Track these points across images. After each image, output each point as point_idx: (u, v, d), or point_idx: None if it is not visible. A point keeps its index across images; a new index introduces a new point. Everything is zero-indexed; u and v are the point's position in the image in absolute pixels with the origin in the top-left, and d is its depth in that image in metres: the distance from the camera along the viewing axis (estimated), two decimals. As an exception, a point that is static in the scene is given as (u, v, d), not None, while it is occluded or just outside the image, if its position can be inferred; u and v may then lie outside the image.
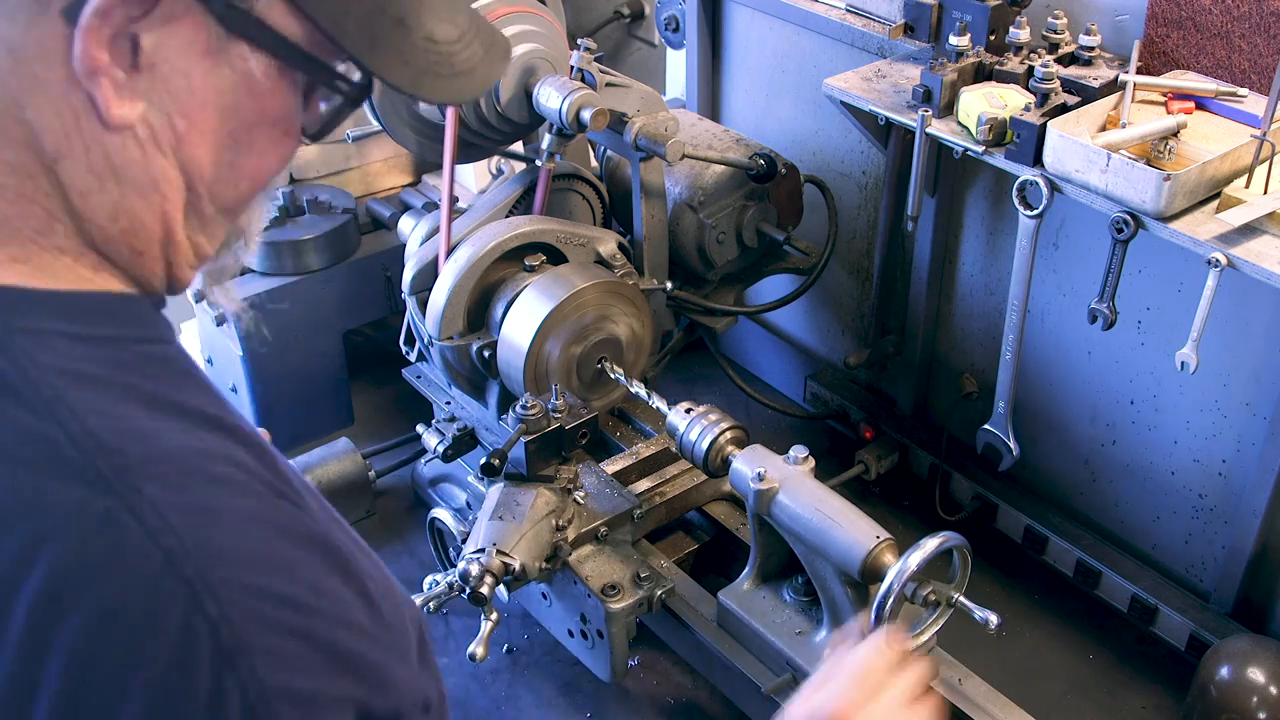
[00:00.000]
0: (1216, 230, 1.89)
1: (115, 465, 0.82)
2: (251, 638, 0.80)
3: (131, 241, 0.94)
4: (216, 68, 0.89)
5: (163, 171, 0.91)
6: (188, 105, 0.90)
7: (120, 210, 0.91)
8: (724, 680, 2.21)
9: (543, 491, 2.11)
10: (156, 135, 0.90)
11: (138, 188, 0.91)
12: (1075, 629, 2.52)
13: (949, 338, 2.77)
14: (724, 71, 3.02)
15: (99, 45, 0.83)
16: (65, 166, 0.88)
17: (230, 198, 0.98)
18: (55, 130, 0.87)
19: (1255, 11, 2.03)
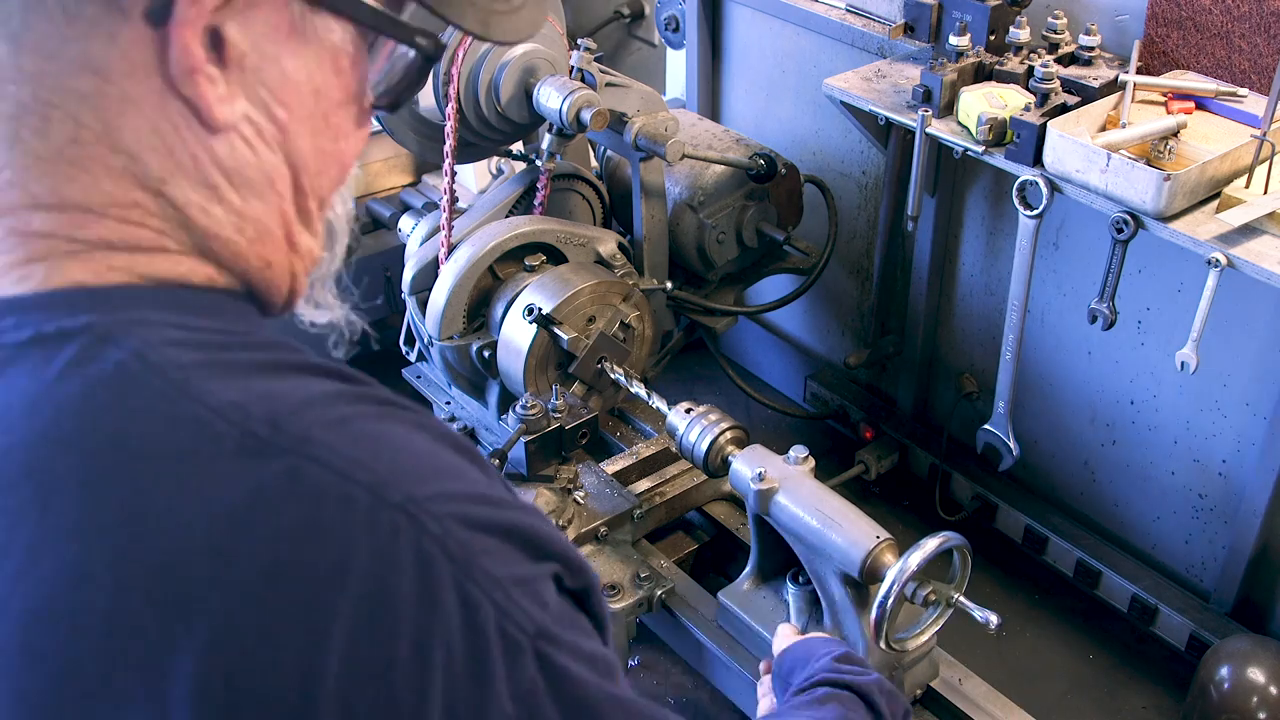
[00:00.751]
0: (1216, 230, 1.89)
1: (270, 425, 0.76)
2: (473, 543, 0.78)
3: (261, 251, 0.89)
4: (305, 46, 0.84)
5: (275, 168, 0.86)
6: (284, 92, 0.84)
7: (245, 218, 0.86)
8: (724, 680, 2.20)
9: (543, 491, 2.11)
10: (261, 130, 0.84)
11: (255, 190, 0.85)
12: (1075, 629, 2.51)
13: (949, 338, 2.77)
14: (724, 71, 3.02)
15: (195, 41, 0.77)
16: (176, 185, 0.81)
17: (327, 189, 0.93)
18: (157, 149, 0.79)
19: (1255, 11, 2.03)
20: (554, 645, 0.81)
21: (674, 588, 2.18)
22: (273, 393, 0.79)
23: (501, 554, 0.80)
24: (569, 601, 0.86)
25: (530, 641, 0.79)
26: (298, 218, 0.90)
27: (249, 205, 0.85)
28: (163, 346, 0.78)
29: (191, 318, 0.82)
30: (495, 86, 2.33)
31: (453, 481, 0.81)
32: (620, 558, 2.20)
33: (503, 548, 0.81)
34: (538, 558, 0.83)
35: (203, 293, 0.85)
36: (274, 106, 0.84)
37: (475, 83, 2.32)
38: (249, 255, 0.88)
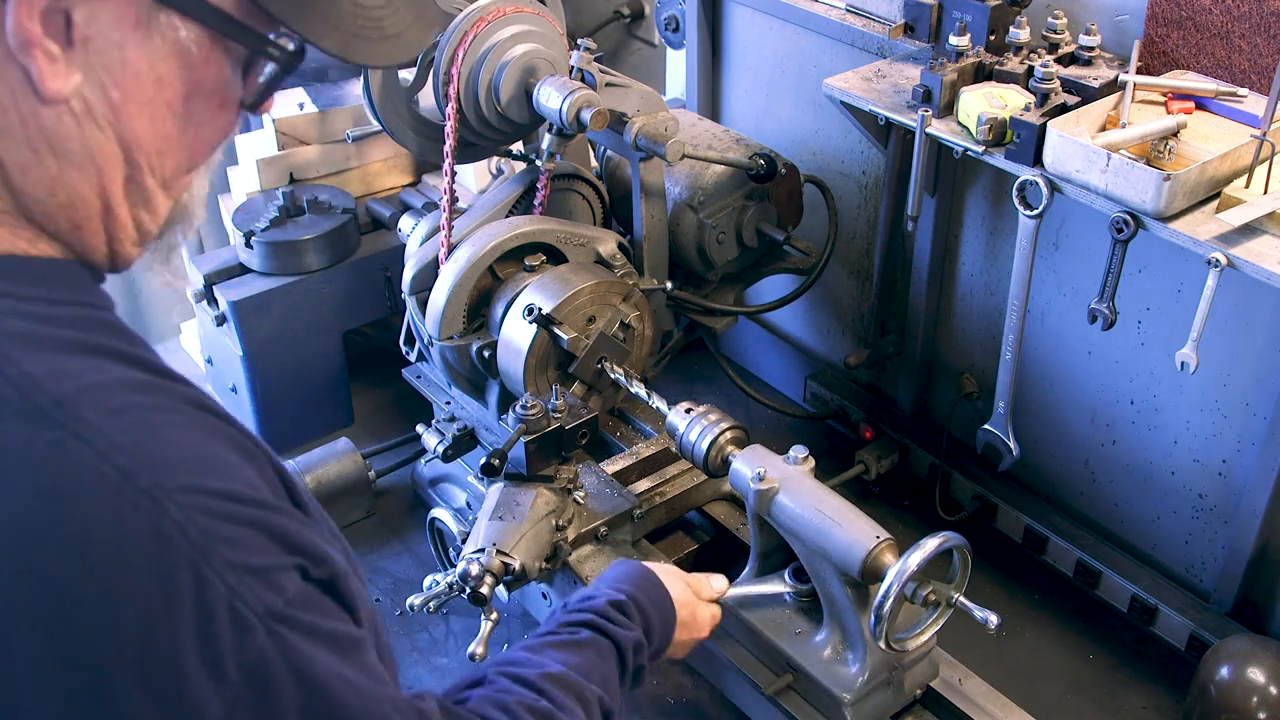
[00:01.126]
0: (1216, 230, 1.89)
1: (53, 399, 0.87)
2: (215, 530, 0.89)
3: (70, 215, 0.97)
4: (149, 39, 0.92)
5: (99, 145, 0.95)
6: (122, 77, 0.92)
7: (58, 184, 0.95)
8: (724, 680, 2.20)
9: (543, 491, 2.11)
10: (92, 109, 0.93)
11: (74, 161, 0.94)
12: (1075, 629, 2.51)
13: (949, 338, 2.77)
14: (724, 71, 3.02)
15: (30, 17, 0.86)
16: (2, 144, 0.92)
17: (170, 170, 1.01)
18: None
19: (1255, 11, 2.03)
20: (287, 626, 0.92)
21: (674, 588, 2.18)
22: (67, 371, 0.89)
23: (242, 544, 0.91)
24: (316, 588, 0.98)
25: (260, 620, 0.90)
26: (126, 192, 0.99)
27: (65, 173, 0.94)
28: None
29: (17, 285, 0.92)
30: (495, 86, 2.33)
31: (209, 477, 0.92)
32: (620, 558, 2.19)
33: (245, 539, 0.91)
34: (281, 551, 0.94)
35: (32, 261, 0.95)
36: (110, 89, 0.92)
37: (475, 83, 2.32)
38: (58, 217, 0.97)
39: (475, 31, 2.28)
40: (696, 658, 2.26)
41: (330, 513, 2.97)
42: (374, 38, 1.01)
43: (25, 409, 0.86)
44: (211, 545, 0.89)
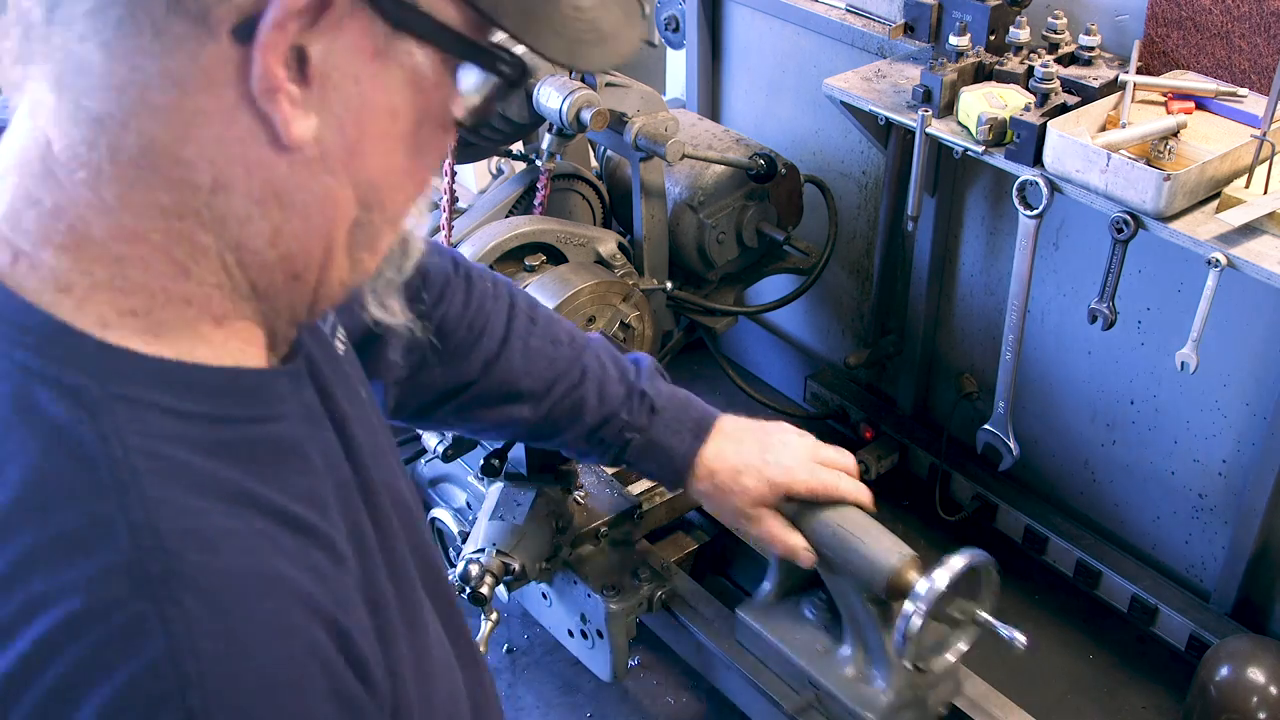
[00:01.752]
0: (1216, 230, 1.89)
1: (166, 569, 0.75)
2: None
3: (289, 266, 0.88)
4: (386, 69, 0.84)
5: (330, 191, 0.87)
6: (360, 113, 0.85)
7: (280, 235, 0.86)
8: (724, 681, 2.20)
9: (543, 491, 2.11)
10: (327, 153, 0.85)
11: (301, 210, 0.86)
12: (1075, 629, 2.51)
13: (949, 338, 2.77)
14: (724, 71, 3.02)
15: (278, 61, 0.78)
16: (223, 198, 0.83)
17: (399, 205, 0.94)
18: (217, 161, 0.81)
19: (1255, 11, 2.03)
20: None
21: (674, 588, 2.18)
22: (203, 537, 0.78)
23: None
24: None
25: None
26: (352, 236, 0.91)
27: (289, 224, 0.86)
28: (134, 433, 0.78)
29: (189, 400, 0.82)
30: (495, 86, 2.32)
31: None
32: (620, 557, 2.20)
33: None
34: None
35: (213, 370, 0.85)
36: (348, 126, 0.84)
37: (475, 83, 2.32)
38: (274, 270, 0.88)
39: (475, 31, 2.28)
40: (696, 658, 2.26)
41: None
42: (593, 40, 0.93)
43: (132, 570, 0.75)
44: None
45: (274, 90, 0.79)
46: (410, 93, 0.87)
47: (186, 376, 0.83)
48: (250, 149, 0.81)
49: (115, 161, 0.79)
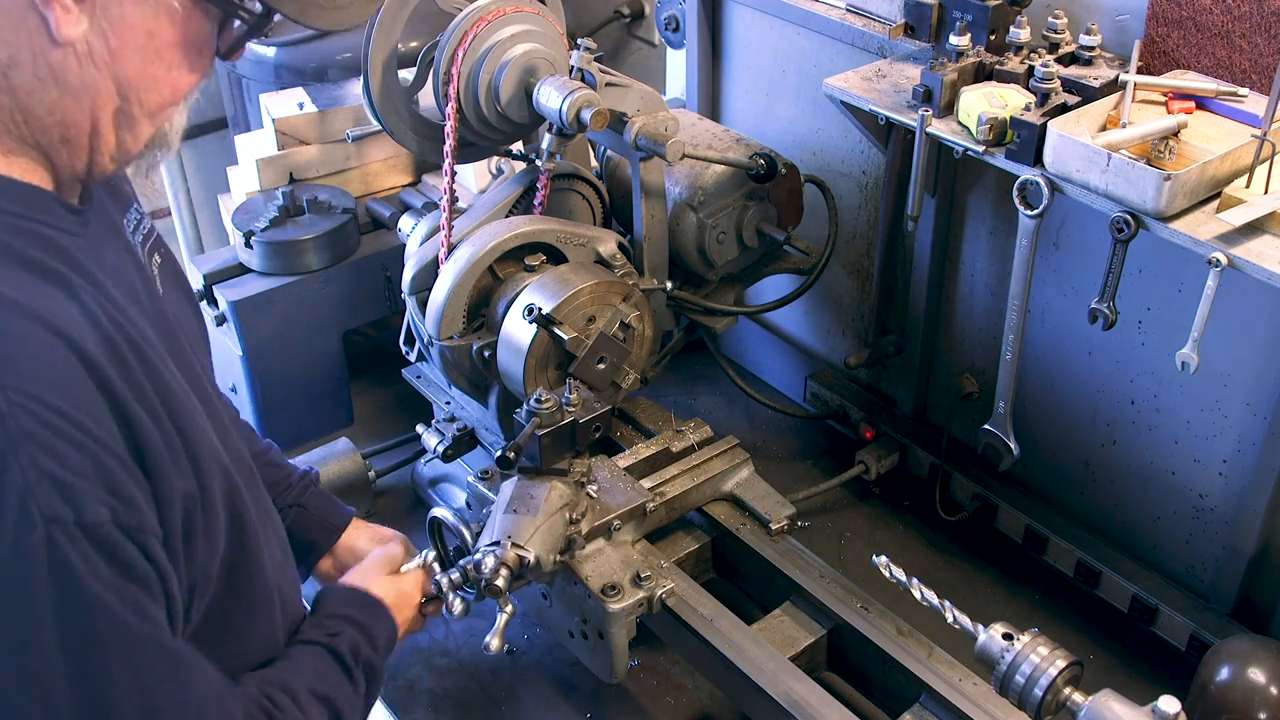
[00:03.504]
0: (1217, 230, 1.89)
1: None
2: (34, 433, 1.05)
3: (61, 131, 1.21)
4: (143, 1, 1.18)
5: (95, 81, 1.19)
6: (120, 26, 1.17)
7: (56, 107, 1.19)
8: (724, 681, 2.20)
9: (556, 485, 2.11)
10: (93, 52, 1.17)
11: (72, 92, 1.18)
12: (1075, 629, 2.51)
13: (949, 338, 2.76)
14: (724, 71, 3.02)
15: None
16: (15, 72, 1.15)
17: (154, 104, 1.25)
18: (10, 43, 1.14)
19: (1256, 11, 2.03)
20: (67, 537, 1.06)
21: (674, 588, 2.18)
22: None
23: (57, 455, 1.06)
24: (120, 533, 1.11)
25: (44, 522, 1.05)
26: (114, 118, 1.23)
27: (63, 100, 1.19)
28: None
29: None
30: (495, 86, 2.33)
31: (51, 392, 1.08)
32: (620, 558, 2.20)
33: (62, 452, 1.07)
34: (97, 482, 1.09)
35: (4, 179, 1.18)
36: (110, 36, 1.17)
37: (475, 83, 2.32)
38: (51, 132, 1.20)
39: (475, 31, 2.28)
40: (696, 658, 2.26)
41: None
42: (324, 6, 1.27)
43: None
44: (24, 443, 1.05)
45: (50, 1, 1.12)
46: (164, 20, 1.20)
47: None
48: (35, 39, 1.15)
49: None
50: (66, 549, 1.06)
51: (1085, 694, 1.69)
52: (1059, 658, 1.69)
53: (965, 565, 2.69)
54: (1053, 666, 1.68)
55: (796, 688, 2.05)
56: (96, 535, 1.09)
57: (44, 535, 1.05)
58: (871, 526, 2.81)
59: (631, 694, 2.42)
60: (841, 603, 2.22)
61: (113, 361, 1.16)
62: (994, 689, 1.74)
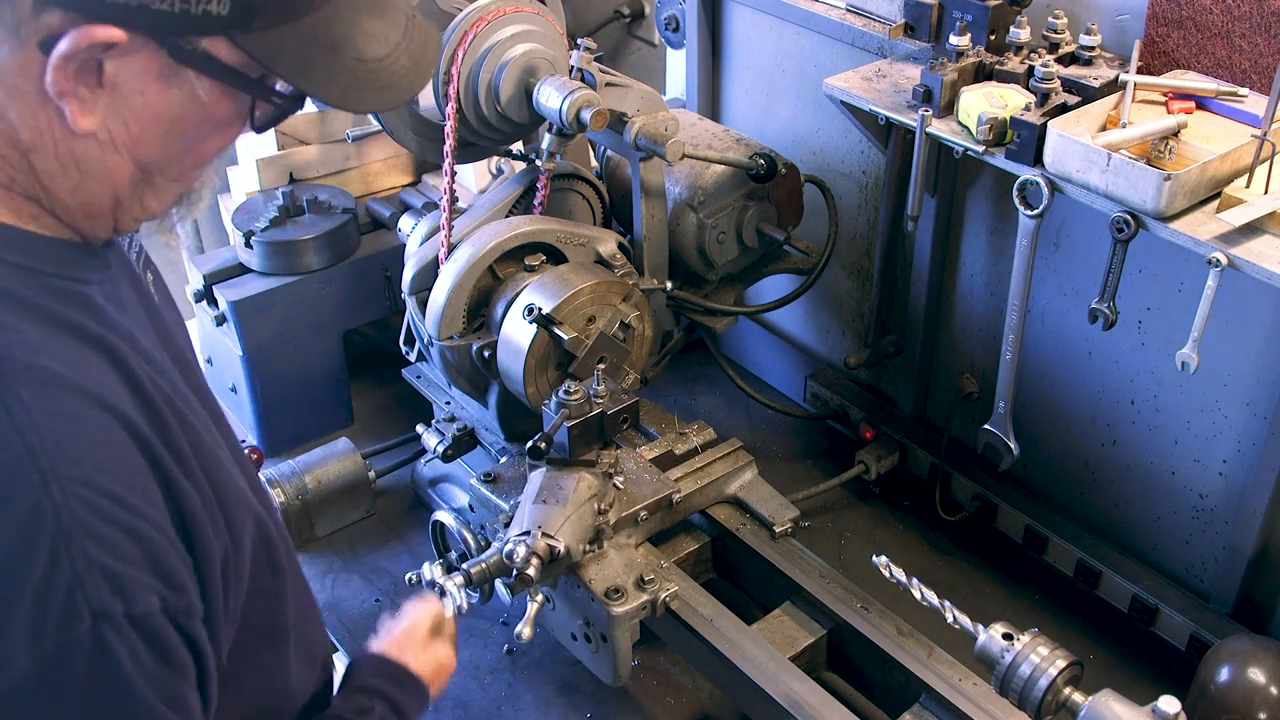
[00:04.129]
0: (1217, 230, 1.89)
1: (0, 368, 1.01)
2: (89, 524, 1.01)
3: (85, 210, 1.15)
4: (168, 89, 1.09)
5: (116, 165, 1.13)
6: (142, 116, 1.10)
7: (79, 190, 1.13)
8: (724, 681, 2.20)
9: (584, 476, 2.13)
10: (114, 139, 1.10)
11: (94, 176, 1.13)
12: (1075, 629, 2.51)
13: (949, 338, 2.76)
14: (724, 71, 3.02)
15: (66, 76, 1.04)
16: (37, 157, 1.10)
17: (178, 171, 1.19)
18: (31, 129, 1.08)
19: (1256, 11, 2.03)
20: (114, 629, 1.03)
21: (677, 591, 2.18)
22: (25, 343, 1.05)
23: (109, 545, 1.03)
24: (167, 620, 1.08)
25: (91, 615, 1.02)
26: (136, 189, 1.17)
27: (85, 184, 1.13)
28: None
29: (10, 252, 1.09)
30: (495, 86, 2.33)
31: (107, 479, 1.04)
32: (623, 561, 2.19)
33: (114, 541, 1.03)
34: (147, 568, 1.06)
35: (26, 234, 1.11)
36: (130, 123, 1.10)
37: (475, 83, 2.32)
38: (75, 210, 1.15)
39: (475, 31, 2.28)
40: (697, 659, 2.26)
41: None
42: (372, 88, 1.16)
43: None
44: (77, 536, 1.01)
45: (62, 95, 1.05)
46: (192, 106, 1.11)
47: (8, 234, 1.09)
48: (55, 127, 1.08)
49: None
50: (112, 641, 1.03)
51: (1085, 694, 1.69)
52: (1059, 658, 1.69)
53: (965, 565, 2.69)
54: (1053, 666, 1.68)
55: (796, 688, 2.05)
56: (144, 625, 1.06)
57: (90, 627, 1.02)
58: (871, 526, 2.81)
59: (631, 694, 2.42)
60: (841, 603, 2.22)
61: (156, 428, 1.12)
62: (994, 689, 1.74)
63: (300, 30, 1.09)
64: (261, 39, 1.08)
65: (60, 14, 1.02)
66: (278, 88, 1.14)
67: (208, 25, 1.05)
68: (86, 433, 1.05)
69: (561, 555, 2.03)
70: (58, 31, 1.02)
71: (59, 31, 1.02)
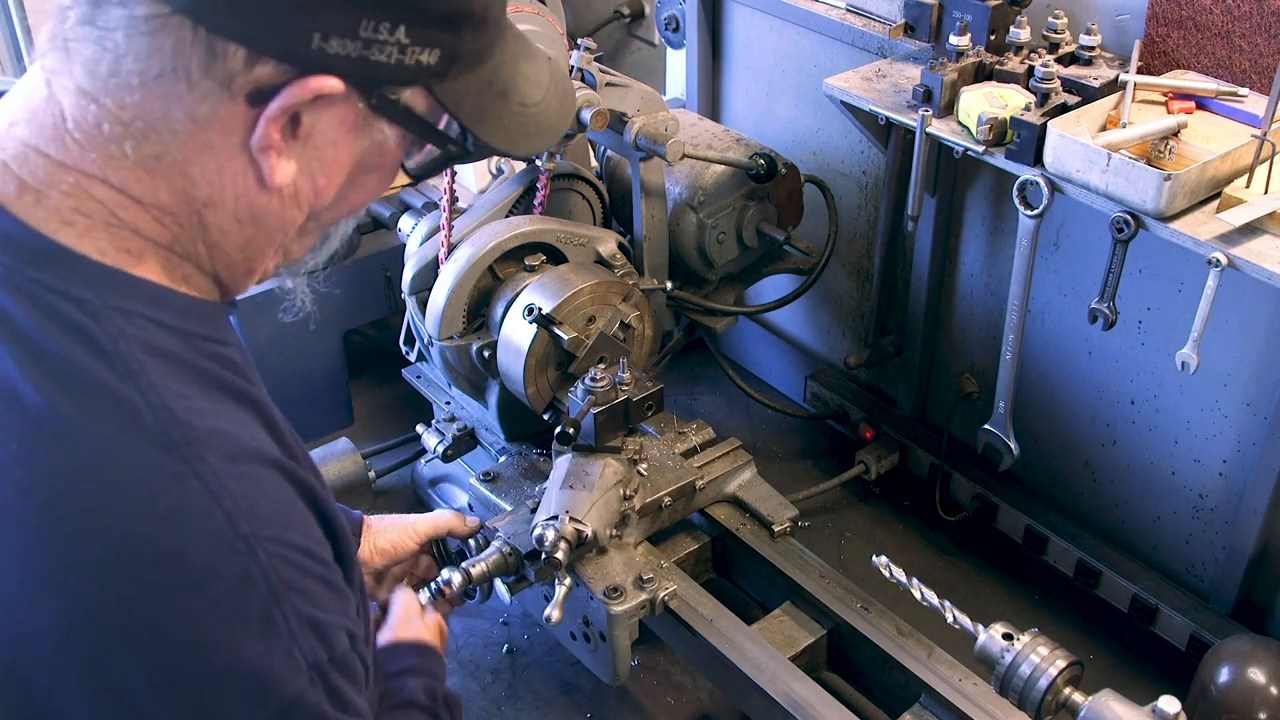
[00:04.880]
0: (1217, 230, 1.89)
1: (185, 436, 0.99)
2: (293, 580, 1.03)
3: (248, 265, 1.14)
4: (359, 138, 1.08)
5: (292, 218, 1.11)
6: (330, 167, 1.08)
7: (248, 245, 1.11)
8: (724, 681, 2.20)
9: (610, 461, 2.15)
10: (299, 194, 1.08)
11: (267, 230, 1.11)
12: (1075, 629, 2.51)
13: (949, 338, 2.76)
14: (724, 71, 3.02)
15: (276, 129, 1.02)
16: (213, 212, 1.06)
17: (331, 220, 1.19)
18: (214, 184, 1.04)
19: (1256, 11, 2.03)
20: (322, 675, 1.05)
21: (676, 590, 2.18)
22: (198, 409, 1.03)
23: (313, 597, 1.05)
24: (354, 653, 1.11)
25: (308, 669, 1.04)
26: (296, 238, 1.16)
27: (257, 238, 1.11)
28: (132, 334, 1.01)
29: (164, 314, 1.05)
30: (495, 86, 2.32)
31: (294, 533, 1.06)
32: (623, 560, 2.19)
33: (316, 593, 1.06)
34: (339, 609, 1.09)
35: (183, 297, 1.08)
36: (318, 176, 1.08)
37: (475, 83, 2.32)
38: (236, 266, 1.13)
39: (475, 31, 2.28)
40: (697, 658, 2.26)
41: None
42: (533, 132, 1.18)
43: (160, 439, 0.98)
44: (286, 592, 1.02)
45: (267, 149, 1.03)
46: (374, 155, 1.11)
47: (166, 297, 1.06)
48: (241, 181, 1.05)
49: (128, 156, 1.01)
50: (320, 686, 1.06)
51: (1085, 694, 1.69)
52: (1059, 658, 1.68)
53: (965, 565, 2.70)
54: (1053, 666, 1.67)
55: (796, 688, 2.05)
56: (342, 663, 1.09)
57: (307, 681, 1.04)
58: (871, 526, 2.81)
59: (631, 694, 2.42)
60: (841, 603, 2.22)
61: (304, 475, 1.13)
62: (994, 689, 1.74)
63: (480, 77, 1.10)
64: (451, 87, 1.08)
65: (274, 65, 0.99)
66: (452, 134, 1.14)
67: (415, 75, 1.04)
68: (268, 491, 1.06)
69: (589, 539, 2.05)
70: (268, 84, 0.99)
71: (270, 84, 0.99)
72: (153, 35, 0.97)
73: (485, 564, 2.06)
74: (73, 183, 1.02)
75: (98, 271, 1.02)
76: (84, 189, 1.02)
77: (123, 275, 1.03)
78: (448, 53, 1.05)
